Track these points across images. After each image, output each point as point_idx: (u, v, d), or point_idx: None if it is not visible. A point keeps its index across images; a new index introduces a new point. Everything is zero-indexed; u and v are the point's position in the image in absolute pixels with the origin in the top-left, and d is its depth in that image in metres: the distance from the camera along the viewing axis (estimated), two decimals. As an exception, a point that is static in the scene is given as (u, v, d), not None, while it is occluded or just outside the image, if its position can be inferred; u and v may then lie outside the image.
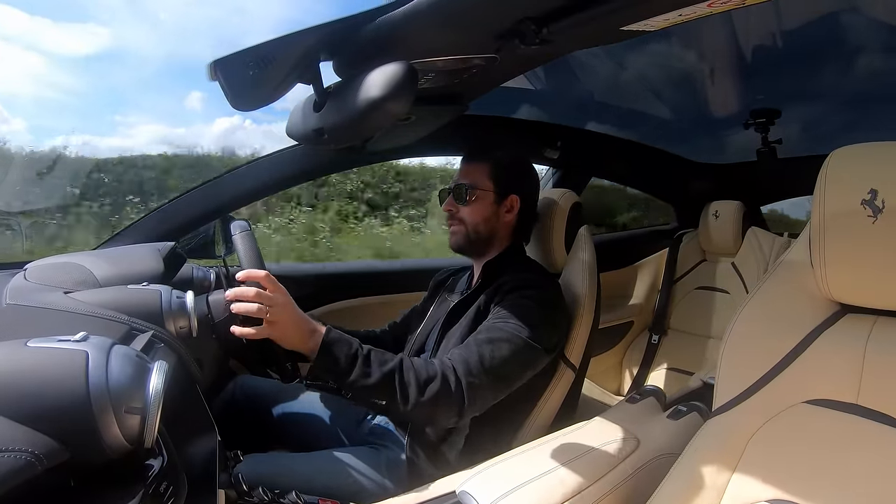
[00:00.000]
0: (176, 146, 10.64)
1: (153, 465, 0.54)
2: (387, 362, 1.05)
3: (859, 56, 1.55)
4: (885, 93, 1.72)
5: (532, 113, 2.09)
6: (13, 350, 0.49)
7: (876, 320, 0.78)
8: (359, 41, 0.90)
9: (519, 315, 1.17)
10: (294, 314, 1.02)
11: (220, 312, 1.23)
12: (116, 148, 9.39)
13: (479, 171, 1.34)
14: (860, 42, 1.48)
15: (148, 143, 10.18)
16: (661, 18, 0.85)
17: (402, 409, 1.03)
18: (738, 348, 0.89)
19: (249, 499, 0.94)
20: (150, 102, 13.71)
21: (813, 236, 0.80)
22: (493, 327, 1.16)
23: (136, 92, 13.02)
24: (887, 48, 1.46)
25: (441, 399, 1.05)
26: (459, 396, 1.06)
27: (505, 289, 1.23)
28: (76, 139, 8.92)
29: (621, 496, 0.96)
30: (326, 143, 1.00)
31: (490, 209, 1.34)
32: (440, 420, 1.11)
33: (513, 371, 1.15)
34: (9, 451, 0.42)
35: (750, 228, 2.26)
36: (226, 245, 1.32)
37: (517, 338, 1.14)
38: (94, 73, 11.97)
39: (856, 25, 1.41)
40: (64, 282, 0.93)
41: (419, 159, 6.95)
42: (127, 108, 11.63)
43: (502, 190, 1.34)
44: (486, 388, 1.10)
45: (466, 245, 1.35)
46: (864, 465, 0.72)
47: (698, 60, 1.71)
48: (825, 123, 2.12)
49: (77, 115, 11.23)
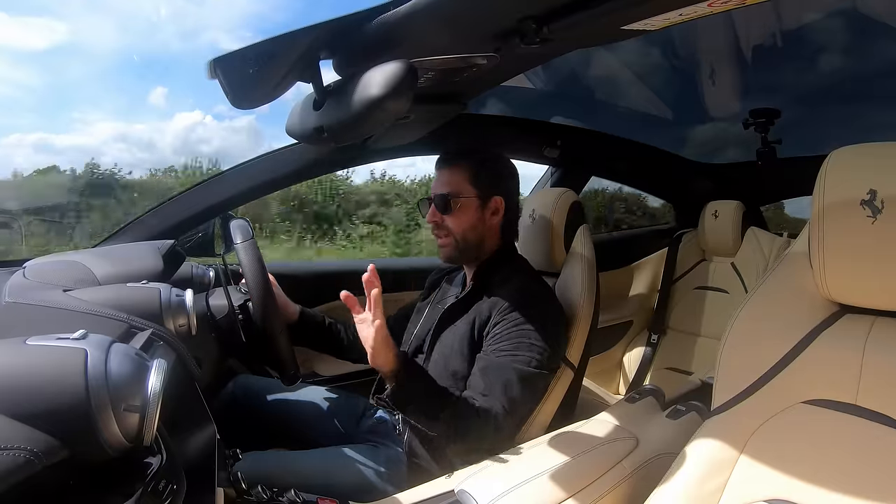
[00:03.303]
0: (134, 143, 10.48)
1: (152, 463, 0.54)
2: (448, 405, 1.13)
3: (859, 55, 1.55)
4: (885, 93, 1.72)
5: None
6: (12, 348, 0.49)
7: (875, 321, 0.78)
8: (359, 39, 0.90)
9: (527, 344, 1.19)
10: (386, 336, 1.11)
11: (220, 311, 1.24)
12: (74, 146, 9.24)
13: (459, 176, 1.30)
14: (861, 42, 1.48)
15: (106, 141, 10.09)
16: (662, 18, 0.85)
17: (443, 439, 1.18)
18: (738, 348, 0.89)
19: (248, 497, 0.94)
20: (110, 98, 13.54)
21: (812, 236, 0.80)
22: (504, 367, 1.18)
23: (95, 88, 12.89)
24: (887, 48, 1.46)
25: (477, 442, 1.15)
26: (491, 441, 1.15)
27: (502, 307, 1.23)
28: (32, 137, 8.77)
29: (620, 495, 0.97)
30: (326, 142, 1.00)
31: (476, 215, 1.31)
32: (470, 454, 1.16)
33: (527, 404, 1.23)
34: (8, 449, 0.42)
35: (749, 228, 2.26)
36: (225, 243, 1.32)
37: (530, 371, 1.18)
38: (51, 69, 11.84)
39: (857, 25, 1.41)
40: (63, 280, 0.92)
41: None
42: (85, 104, 11.48)
43: (485, 193, 1.31)
44: (511, 429, 1.21)
45: (457, 255, 1.34)
46: (862, 465, 0.73)
47: (699, 59, 1.72)
48: (825, 123, 2.12)
49: (33, 112, 11.11)
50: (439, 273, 1.58)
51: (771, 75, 1.79)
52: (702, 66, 1.76)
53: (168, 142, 10.44)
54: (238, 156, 11.73)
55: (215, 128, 11.61)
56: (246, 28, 11.10)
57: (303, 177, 1.69)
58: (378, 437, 1.31)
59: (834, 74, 1.70)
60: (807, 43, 1.52)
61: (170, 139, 10.53)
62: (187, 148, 10.42)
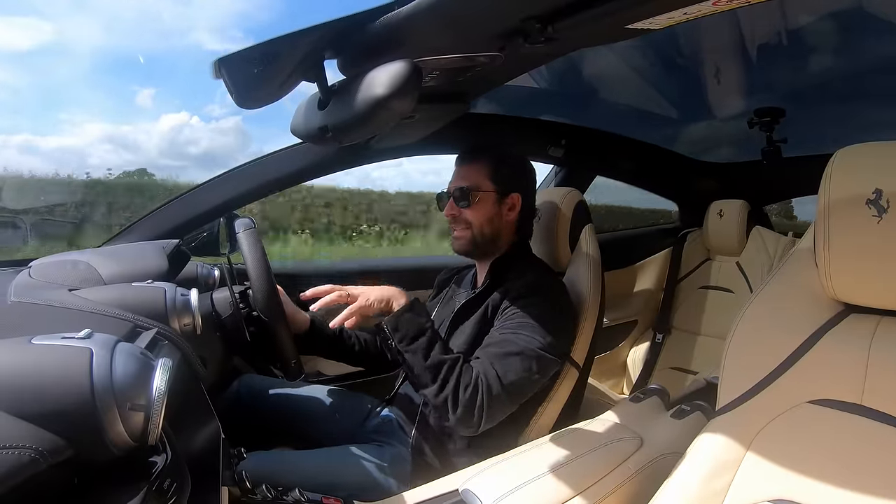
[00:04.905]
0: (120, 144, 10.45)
1: (157, 462, 0.54)
2: (446, 352, 1.16)
3: (865, 54, 1.54)
4: (890, 91, 1.71)
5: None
6: (18, 347, 0.49)
7: (880, 320, 0.78)
8: (364, 39, 0.90)
9: (531, 325, 1.19)
10: (369, 289, 1.21)
11: (225, 310, 1.24)
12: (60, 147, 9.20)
13: (478, 171, 1.34)
14: (866, 40, 1.48)
15: (93, 142, 10.06)
16: (666, 17, 0.84)
17: (432, 397, 1.13)
18: (743, 348, 0.89)
19: (253, 496, 0.94)
20: (97, 99, 13.52)
21: (817, 236, 0.80)
22: (506, 340, 1.18)
23: (82, 89, 12.88)
24: (893, 46, 1.45)
25: (467, 407, 1.11)
26: (481, 412, 1.12)
27: (513, 294, 1.24)
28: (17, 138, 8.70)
29: (624, 495, 0.96)
30: (330, 142, 1.00)
31: (493, 210, 1.34)
32: (458, 425, 1.14)
33: (528, 384, 1.19)
34: (13, 448, 0.42)
35: (755, 228, 2.26)
36: (230, 242, 1.32)
37: (531, 350, 1.17)
38: (36, 70, 11.81)
39: (860, 24, 1.41)
40: (68, 279, 0.93)
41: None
42: (72, 105, 11.45)
43: (503, 189, 1.34)
44: (505, 404, 1.15)
45: (472, 248, 1.36)
46: (867, 466, 0.72)
47: (703, 58, 1.71)
48: (830, 122, 2.11)
49: (17, 114, 11.07)
50: (448, 273, 1.59)
51: (775, 73, 1.78)
52: (706, 65, 1.75)
53: (155, 143, 10.44)
54: (225, 156, 11.71)
55: (202, 129, 11.63)
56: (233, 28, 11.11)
57: (307, 176, 1.69)
58: (383, 436, 1.31)
59: (835, 73, 1.69)
60: (810, 41, 1.51)
61: (156, 140, 10.54)
62: (174, 149, 10.42)
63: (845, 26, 1.42)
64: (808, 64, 1.66)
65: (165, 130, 10.77)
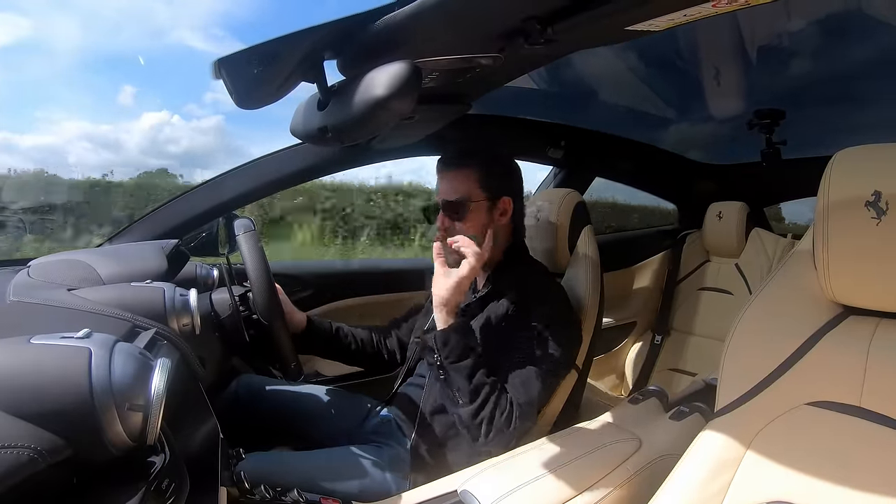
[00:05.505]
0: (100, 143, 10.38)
1: (155, 462, 0.54)
2: (488, 376, 1.15)
3: (865, 56, 1.54)
4: (890, 94, 1.71)
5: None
6: (17, 347, 0.49)
7: (879, 322, 0.78)
8: (363, 40, 0.90)
9: (547, 341, 1.20)
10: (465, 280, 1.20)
11: (224, 310, 1.24)
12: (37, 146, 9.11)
13: (467, 179, 1.29)
14: (866, 42, 1.48)
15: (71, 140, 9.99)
16: (666, 19, 0.85)
17: (468, 417, 1.14)
18: (741, 349, 0.89)
19: (251, 497, 0.94)
20: (75, 97, 13.40)
21: (816, 238, 0.80)
22: (528, 360, 1.19)
23: (60, 86, 12.77)
24: (893, 47, 1.45)
25: (501, 430, 1.13)
26: (512, 437, 1.15)
27: (519, 306, 1.24)
28: None
29: (623, 497, 0.96)
30: (330, 142, 1.00)
31: (486, 218, 1.30)
32: (488, 445, 1.15)
33: (546, 399, 1.24)
34: (11, 448, 0.42)
35: (754, 230, 2.26)
36: (229, 243, 1.33)
37: (552, 368, 1.20)
38: (13, 66, 11.70)
39: (860, 26, 1.41)
40: (67, 279, 0.93)
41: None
42: (49, 103, 11.31)
43: (494, 195, 1.30)
44: (530, 424, 1.19)
45: None
46: (866, 468, 0.72)
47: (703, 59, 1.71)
48: (829, 124, 2.11)
49: None
50: None
51: (774, 75, 1.78)
52: (705, 66, 1.75)
53: (136, 141, 10.37)
54: (205, 156, 11.64)
55: (183, 128, 11.55)
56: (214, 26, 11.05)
57: (306, 177, 1.69)
58: (382, 436, 1.31)
59: (835, 75, 1.70)
60: (810, 44, 1.52)
61: (137, 139, 10.47)
62: (154, 148, 10.37)
63: (845, 28, 1.42)
64: (808, 66, 1.66)
65: (146, 129, 10.72)
